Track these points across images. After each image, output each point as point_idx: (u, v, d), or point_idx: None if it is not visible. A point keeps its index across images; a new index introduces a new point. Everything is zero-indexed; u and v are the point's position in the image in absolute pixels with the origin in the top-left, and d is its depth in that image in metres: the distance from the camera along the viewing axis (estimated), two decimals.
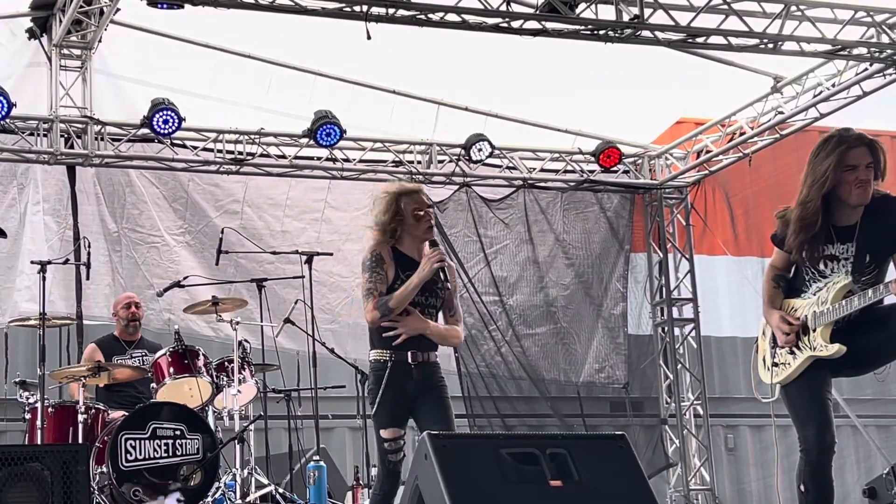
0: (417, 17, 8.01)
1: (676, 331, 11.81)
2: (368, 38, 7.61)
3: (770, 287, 5.12)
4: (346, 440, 11.04)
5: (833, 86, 9.98)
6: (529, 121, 10.88)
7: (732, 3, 8.45)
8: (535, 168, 11.34)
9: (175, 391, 7.85)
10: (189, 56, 9.52)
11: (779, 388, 5.04)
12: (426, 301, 5.58)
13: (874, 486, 7.51)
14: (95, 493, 7.08)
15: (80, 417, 7.37)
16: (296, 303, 8.13)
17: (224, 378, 7.98)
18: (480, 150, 10.60)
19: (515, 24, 8.18)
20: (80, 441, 7.25)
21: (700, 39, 8.73)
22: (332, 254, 9.35)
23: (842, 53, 9.26)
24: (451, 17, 8.08)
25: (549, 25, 8.22)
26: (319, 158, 10.46)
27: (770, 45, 8.81)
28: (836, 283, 4.83)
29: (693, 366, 11.79)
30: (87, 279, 8.90)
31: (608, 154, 11.07)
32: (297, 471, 8.30)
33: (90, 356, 8.46)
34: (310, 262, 8.10)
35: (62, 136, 9.54)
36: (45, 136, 9.50)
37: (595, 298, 11.59)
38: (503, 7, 8.03)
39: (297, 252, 8.32)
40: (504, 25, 8.17)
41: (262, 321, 8.34)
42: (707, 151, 11.42)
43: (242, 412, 7.97)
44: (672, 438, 11.63)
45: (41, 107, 9.47)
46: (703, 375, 11.68)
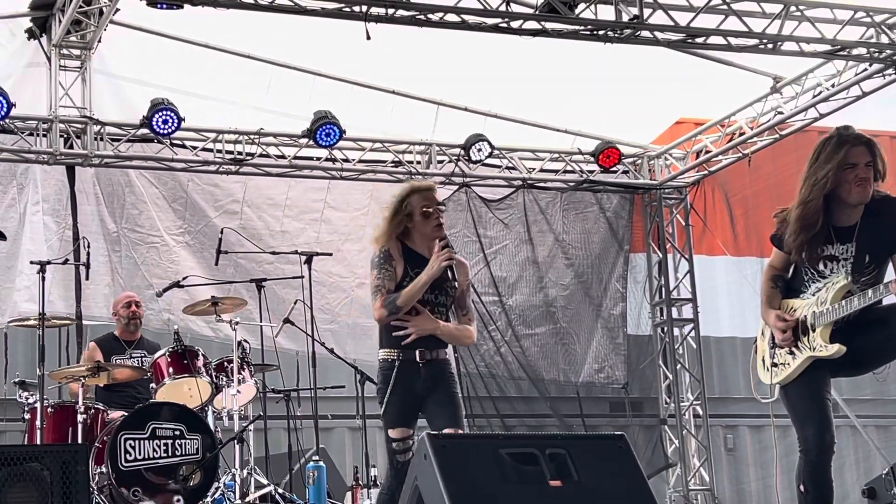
0: (417, 18, 8.01)
1: (676, 331, 11.81)
2: (368, 39, 7.61)
3: (768, 287, 5.11)
4: (346, 440, 11.03)
5: (832, 86, 9.97)
6: (529, 121, 10.88)
7: (732, 4, 8.45)
8: (535, 168, 11.34)
9: (174, 391, 7.85)
10: (188, 56, 9.52)
11: (778, 389, 5.04)
12: (436, 299, 5.50)
13: (873, 487, 7.51)
14: (95, 494, 7.08)
15: (80, 417, 7.37)
16: (295, 303, 8.14)
17: (223, 378, 7.97)
18: (480, 151, 10.60)
19: (515, 25, 8.17)
20: (80, 441, 7.25)
21: (699, 40, 8.73)
22: (332, 254, 9.36)
23: (841, 54, 9.27)
24: (451, 18, 8.08)
25: (549, 26, 8.21)
26: (319, 159, 10.46)
27: (769, 46, 8.81)
28: (836, 284, 4.83)
29: (692, 366, 11.78)
30: (87, 279, 8.90)
31: (608, 154, 11.06)
32: (297, 471, 8.30)
33: (90, 355, 8.47)
34: (309, 263, 8.10)
35: (61, 137, 9.54)
36: (45, 137, 9.50)
37: (594, 298, 11.59)
38: (502, 7, 8.02)
39: (297, 252, 8.32)
40: (503, 26, 8.17)
41: (262, 321, 8.34)
42: (706, 152, 11.41)
43: (242, 412, 7.97)
44: (671, 439, 11.63)
45: (41, 107, 9.46)
46: (703, 376, 11.67)
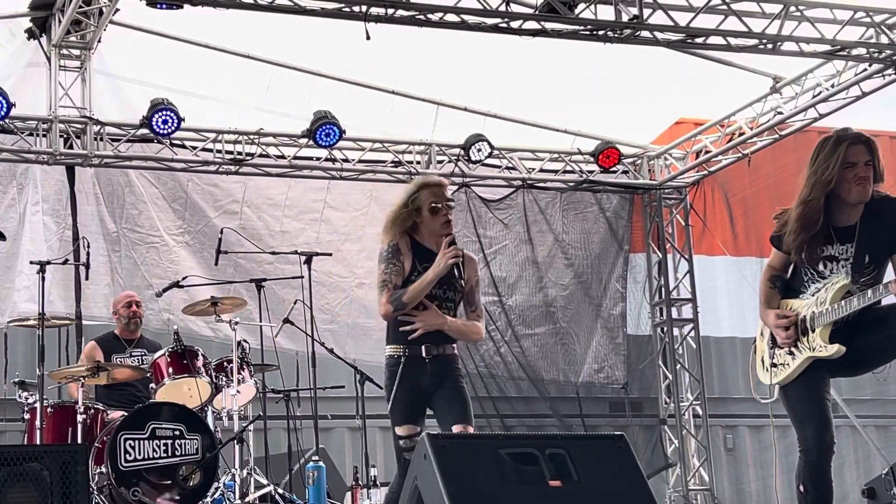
0: (416, 18, 8.01)
1: (675, 331, 11.81)
2: (368, 39, 7.61)
3: (766, 288, 5.11)
4: (346, 440, 11.04)
5: (832, 86, 9.97)
6: (528, 121, 10.88)
7: (731, 4, 8.45)
8: (535, 168, 11.34)
9: (174, 391, 7.84)
10: (188, 56, 9.51)
11: (777, 389, 5.04)
12: (444, 294, 5.46)
13: (873, 487, 7.51)
14: (94, 494, 7.07)
15: (80, 417, 7.37)
16: (295, 303, 8.13)
17: (223, 378, 7.97)
18: (479, 151, 10.60)
19: (514, 25, 8.17)
20: (80, 441, 7.25)
21: (699, 40, 8.73)
22: (331, 254, 9.37)
23: (841, 54, 9.27)
24: (451, 18, 8.08)
25: (549, 26, 8.21)
26: (318, 159, 10.46)
27: (769, 46, 8.81)
28: (835, 284, 4.83)
29: (692, 366, 11.78)
30: (87, 279, 8.90)
31: (607, 154, 11.06)
32: (297, 471, 8.30)
33: (90, 353, 8.48)
34: (309, 263, 8.10)
35: (61, 137, 9.54)
36: (45, 137, 9.50)
37: (594, 299, 11.59)
38: (502, 7, 8.02)
39: (297, 252, 8.32)
40: (503, 26, 8.17)
41: (262, 321, 8.34)
42: (706, 152, 11.41)
43: (241, 412, 7.97)
44: (671, 439, 11.63)
45: (40, 107, 9.47)
46: (702, 376, 11.67)
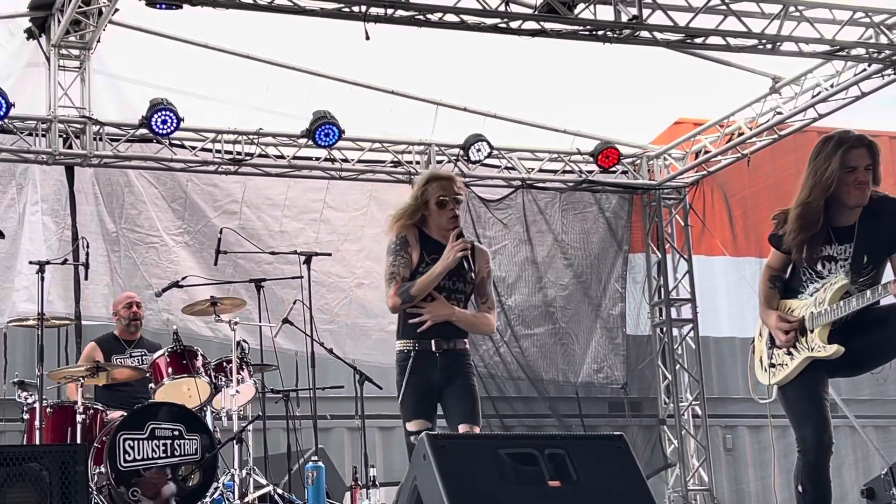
0: (416, 18, 8.00)
1: (675, 331, 11.81)
2: (367, 39, 7.61)
3: (766, 288, 5.11)
4: (345, 440, 11.03)
5: (831, 86, 9.97)
6: (528, 121, 10.88)
7: (731, 4, 8.45)
8: (534, 168, 11.34)
9: (173, 391, 7.84)
10: (187, 56, 9.51)
11: (776, 389, 5.04)
12: (453, 286, 5.41)
13: (872, 487, 7.53)
14: (94, 494, 7.07)
15: (79, 418, 7.37)
16: (294, 303, 8.13)
17: (222, 378, 7.96)
18: (479, 151, 10.60)
19: (514, 25, 8.17)
20: (79, 441, 7.25)
21: (698, 40, 8.73)
22: (331, 254, 9.37)
23: (840, 54, 9.26)
24: (450, 18, 8.08)
25: (548, 26, 8.21)
26: (318, 159, 10.46)
27: (768, 46, 8.80)
28: (834, 284, 4.83)
29: (691, 366, 11.79)
30: (86, 279, 8.90)
31: (607, 154, 11.07)
32: (296, 471, 8.30)
33: (89, 355, 8.48)
34: (308, 263, 8.10)
35: (61, 137, 9.54)
36: (44, 137, 9.51)
37: (593, 299, 11.59)
38: (502, 7, 8.02)
39: (296, 252, 8.31)
40: (503, 26, 8.17)
41: (261, 321, 8.34)
42: (705, 152, 11.41)
43: (241, 412, 7.96)
44: (670, 439, 11.63)
45: (40, 107, 9.47)
46: (702, 376, 11.68)
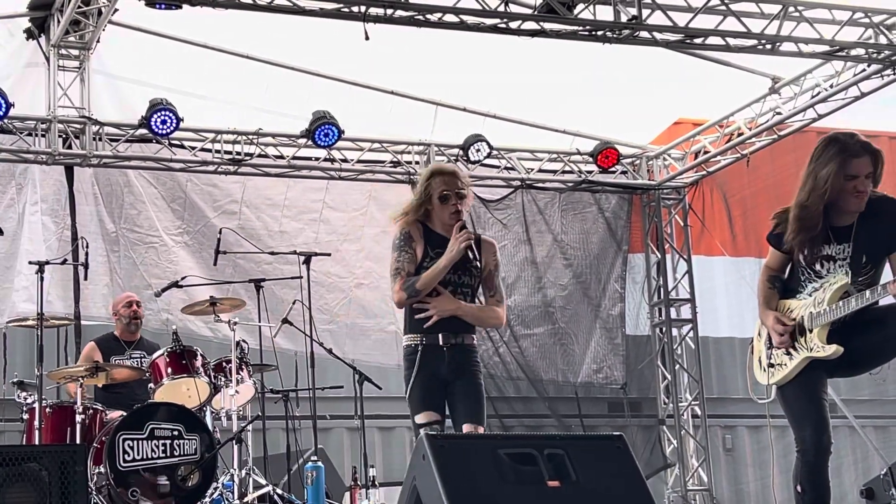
0: (415, 18, 8.00)
1: (674, 331, 11.81)
2: (367, 39, 7.61)
3: (765, 288, 5.11)
4: (344, 441, 11.03)
5: (831, 87, 9.97)
6: (527, 121, 10.87)
7: (730, 4, 8.45)
8: (533, 168, 11.34)
9: (173, 391, 7.84)
10: (187, 56, 9.51)
11: (775, 390, 5.04)
12: (459, 280, 5.38)
13: (871, 487, 7.54)
14: (93, 494, 7.07)
15: (78, 418, 7.37)
16: (294, 303, 8.14)
17: (222, 378, 7.96)
18: (478, 151, 10.59)
19: (513, 25, 8.17)
20: (78, 441, 7.25)
21: (698, 40, 8.73)
22: (330, 254, 9.38)
23: (840, 54, 9.26)
24: (450, 18, 8.07)
25: (548, 26, 8.21)
26: (317, 159, 10.46)
27: (768, 46, 8.80)
28: (833, 284, 4.83)
29: (691, 366, 11.79)
30: (86, 279, 8.90)
31: (606, 154, 11.07)
32: (295, 471, 8.30)
33: (89, 354, 8.48)
34: (308, 263, 8.11)
35: (60, 137, 9.54)
36: (44, 137, 9.51)
37: (593, 299, 11.59)
38: (501, 8, 8.02)
39: (295, 252, 8.32)
40: (502, 26, 8.17)
41: (260, 321, 8.34)
42: (705, 152, 11.41)
43: (240, 412, 7.96)
44: (670, 439, 11.63)
45: (39, 107, 9.47)
46: (701, 376, 11.68)
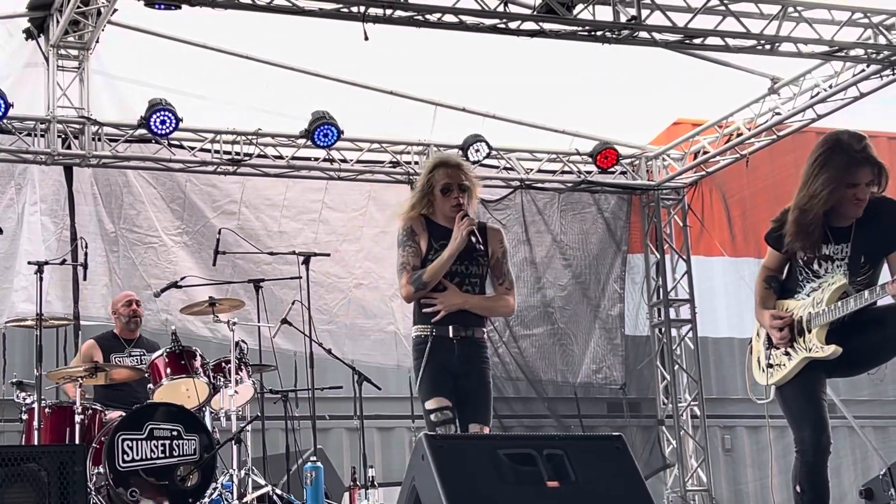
0: (415, 18, 8.00)
1: (673, 331, 11.81)
2: (366, 39, 7.61)
3: (762, 288, 5.11)
4: (344, 441, 11.03)
5: (830, 87, 9.97)
6: (527, 121, 10.87)
7: (729, 5, 8.45)
8: (533, 169, 11.34)
9: (172, 392, 7.84)
10: (186, 57, 9.51)
11: (774, 390, 5.04)
12: (466, 270, 5.34)
13: (871, 488, 7.53)
14: (92, 494, 7.07)
15: (77, 418, 7.37)
16: (293, 303, 8.14)
17: (221, 379, 7.96)
18: (478, 151, 10.59)
19: (513, 25, 8.17)
20: (77, 442, 7.25)
21: (697, 40, 8.72)
22: (330, 254, 9.39)
23: (839, 55, 9.26)
24: (449, 18, 8.07)
25: (547, 26, 8.21)
26: (317, 159, 10.45)
27: (767, 47, 8.80)
28: (832, 285, 4.83)
29: (690, 366, 11.79)
30: (85, 279, 8.90)
31: (605, 155, 11.07)
32: (294, 472, 8.31)
33: (88, 353, 8.47)
34: (307, 263, 8.11)
35: (59, 137, 9.53)
36: (43, 137, 9.50)
37: (592, 299, 11.59)
38: (500, 8, 8.02)
39: (295, 253, 8.33)
40: (501, 26, 8.16)
41: (260, 322, 8.34)
42: (704, 152, 11.41)
43: (239, 413, 7.96)
44: (669, 439, 11.63)
45: (38, 107, 9.46)
46: (700, 376, 11.68)
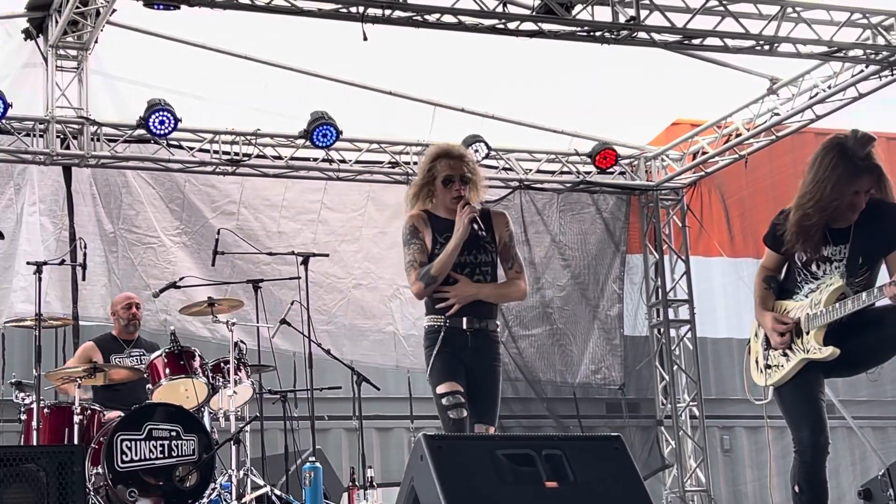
0: (414, 19, 8.00)
1: (672, 332, 11.80)
2: (365, 40, 7.61)
3: (761, 289, 5.12)
4: (342, 441, 11.04)
5: (829, 87, 9.97)
6: (526, 122, 10.86)
7: (728, 5, 8.45)
8: (532, 169, 11.34)
9: (171, 392, 7.84)
10: (185, 57, 9.50)
11: (772, 391, 5.05)
12: (475, 259, 5.30)
13: (869, 488, 7.52)
14: (91, 494, 7.08)
15: (76, 418, 7.37)
16: (292, 304, 8.14)
17: (220, 379, 7.96)
18: (477, 152, 10.55)
19: (512, 26, 8.17)
20: (76, 442, 7.25)
21: (696, 41, 8.72)
22: (328, 255, 9.39)
23: (838, 55, 9.26)
24: (448, 19, 8.07)
25: (546, 27, 8.21)
26: (315, 159, 10.46)
27: (766, 47, 8.80)
28: (830, 286, 4.84)
29: (689, 367, 11.79)
30: (83, 280, 8.90)
31: (604, 155, 11.07)
32: (293, 472, 8.30)
33: (87, 354, 8.46)
34: (306, 263, 8.11)
35: (58, 137, 9.53)
36: (42, 137, 9.50)
37: (591, 300, 11.59)
38: (499, 8, 8.02)
39: (293, 253, 8.32)
40: (500, 27, 8.16)
41: (259, 322, 8.33)
42: (703, 153, 11.41)
43: (238, 413, 7.96)
44: (668, 440, 11.63)
45: (37, 107, 9.46)
46: (699, 377, 11.68)
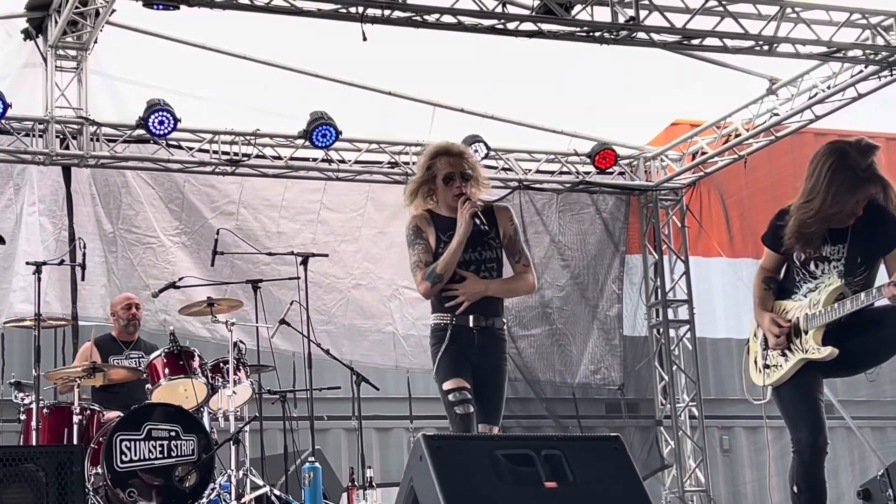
0: (413, 19, 8.00)
1: (672, 332, 11.80)
2: (364, 40, 7.62)
3: (760, 289, 5.13)
4: (342, 441, 11.04)
5: (828, 88, 9.97)
6: (525, 122, 10.87)
7: (728, 5, 8.46)
8: (531, 169, 11.34)
9: (170, 392, 7.84)
10: (184, 57, 9.50)
11: (771, 391, 5.05)
12: (481, 256, 5.25)
13: (868, 488, 7.52)
14: (90, 495, 7.08)
15: (75, 418, 7.36)
16: (291, 304, 8.15)
17: (219, 379, 7.97)
18: (476, 152, 10.57)
19: (511, 26, 8.17)
20: (75, 442, 7.25)
21: (695, 41, 8.72)
22: (328, 255, 9.39)
23: (837, 55, 9.26)
24: (447, 19, 8.07)
25: (545, 27, 8.21)
26: (315, 160, 10.46)
27: (765, 47, 8.80)
28: (829, 286, 4.84)
29: (688, 367, 11.79)
30: (83, 280, 8.90)
31: (604, 156, 11.07)
32: (293, 472, 8.30)
33: (86, 354, 8.45)
34: (305, 264, 8.11)
35: (58, 137, 9.53)
36: (41, 137, 9.50)
37: (590, 300, 11.59)
38: (499, 9, 8.02)
39: (293, 253, 8.32)
40: (500, 27, 8.17)
41: (258, 322, 8.34)
42: (702, 153, 11.42)
43: (238, 413, 7.95)
44: (667, 440, 11.63)
45: (37, 108, 9.46)
46: (699, 377, 11.68)
